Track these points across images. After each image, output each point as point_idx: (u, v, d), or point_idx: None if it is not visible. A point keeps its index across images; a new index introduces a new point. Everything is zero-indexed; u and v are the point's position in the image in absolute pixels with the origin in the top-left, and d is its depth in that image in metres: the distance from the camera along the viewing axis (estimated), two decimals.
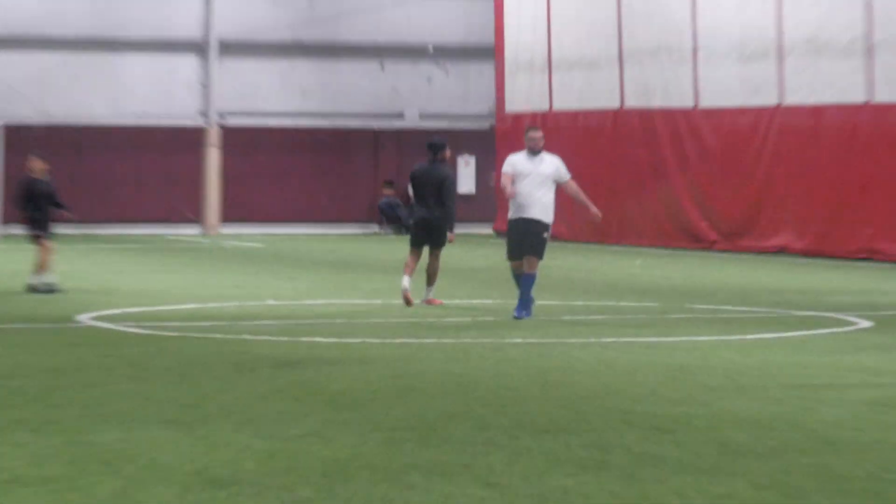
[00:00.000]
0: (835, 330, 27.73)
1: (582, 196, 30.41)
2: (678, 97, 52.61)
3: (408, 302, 31.80)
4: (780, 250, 48.35)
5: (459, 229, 46.94)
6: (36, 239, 34.93)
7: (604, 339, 26.03)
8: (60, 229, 37.28)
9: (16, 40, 59.68)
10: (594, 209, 30.43)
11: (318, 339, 25.66)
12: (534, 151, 30.37)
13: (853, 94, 46.89)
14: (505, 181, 30.35)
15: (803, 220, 48.18)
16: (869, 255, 44.09)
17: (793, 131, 48.60)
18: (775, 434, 16.79)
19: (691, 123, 51.83)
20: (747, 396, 19.50)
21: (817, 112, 47.93)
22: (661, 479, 14.37)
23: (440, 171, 32.88)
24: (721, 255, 49.26)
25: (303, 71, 63.06)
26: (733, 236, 50.22)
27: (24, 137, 56.14)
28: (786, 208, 48.83)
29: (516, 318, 29.37)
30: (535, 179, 30.03)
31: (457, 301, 32.05)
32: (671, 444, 16.15)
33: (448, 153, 33.49)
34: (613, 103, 54.21)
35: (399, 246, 54.45)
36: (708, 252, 50.13)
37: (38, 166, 36.09)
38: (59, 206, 35.49)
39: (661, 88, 53.12)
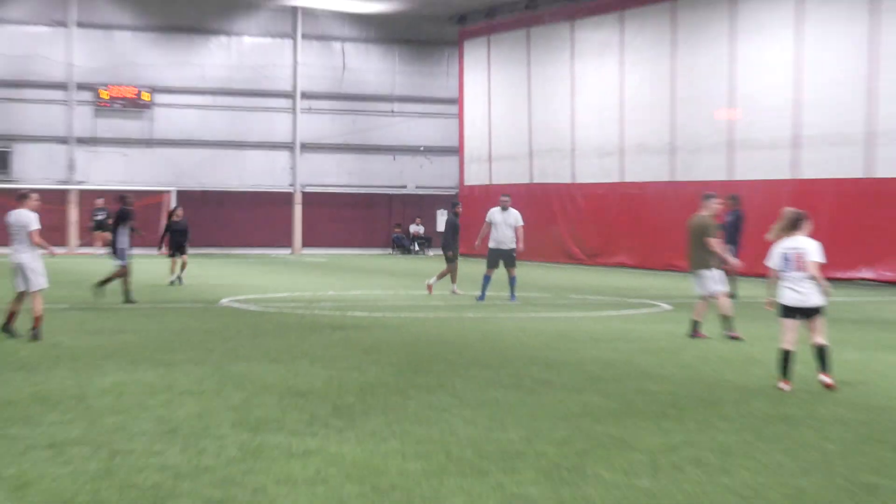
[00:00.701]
0: (650, 310, 27.75)
1: (520, 236, 30.46)
2: (563, 177, 52.62)
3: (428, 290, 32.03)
4: (620, 265, 48.33)
5: (436, 251, 46.38)
6: (174, 255, 35.04)
7: (519, 315, 26.02)
8: (197, 250, 37.07)
9: (184, 142, 59.61)
10: (520, 246, 30.53)
11: (357, 313, 25.64)
12: (504, 208, 30.47)
13: (664, 175, 46.94)
14: (484, 229, 30.60)
15: (633, 247, 48.11)
16: (670, 268, 44.09)
17: (628, 197, 48.60)
18: (615, 368, 16.83)
19: (570, 192, 51.87)
20: (600, 348, 19.49)
21: (643, 186, 47.94)
22: (551, 393, 14.43)
23: (448, 218, 33.19)
24: (586, 267, 49.16)
25: (348, 160, 62.93)
26: (593, 256, 50.17)
27: (188, 198, 56.09)
28: (624, 240, 48.76)
29: (512, 302, 29.20)
30: (505, 225, 30.15)
31: (437, 292, 31.97)
32: (556, 374, 16.21)
33: (459, 209, 33.49)
34: (526, 180, 54.24)
35: (403, 261, 54.44)
36: (579, 265, 50.03)
37: (179, 213, 36.26)
38: (187, 237, 35.64)
39: (553, 172, 53.15)
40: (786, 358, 15.03)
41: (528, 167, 54.83)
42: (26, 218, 19.83)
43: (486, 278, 30.17)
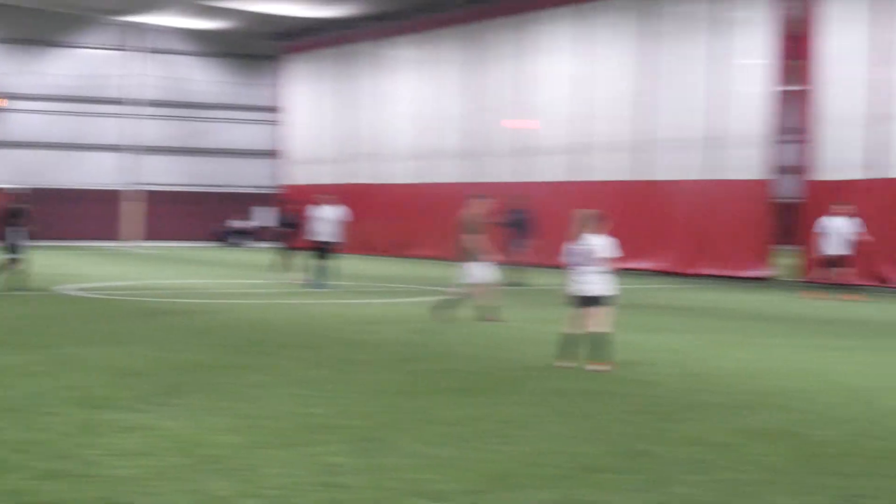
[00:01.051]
0: (435, 297, 27.76)
1: (341, 230, 30.53)
2: (376, 178, 52.59)
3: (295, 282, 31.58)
4: (424, 256, 48.21)
5: (264, 245, 45.84)
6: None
7: (335, 301, 25.86)
8: (41, 243, 36.05)
9: (33, 143, 58.27)
10: (341, 240, 30.61)
11: (186, 299, 25.28)
12: (325, 205, 30.48)
13: (463, 177, 47.11)
14: (315, 225, 30.53)
15: (436, 240, 47.99)
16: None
17: (432, 196, 48.57)
18: (418, 349, 16.81)
19: (382, 191, 51.89)
20: (404, 330, 19.46)
21: (444, 187, 47.90)
22: (360, 372, 14.37)
23: (279, 215, 33.56)
24: (394, 258, 48.79)
25: (182, 162, 61.93)
26: (400, 248, 49.94)
27: (36, 195, 54.65)
28: (427, 234, 48.66)
29: (328, 289, 28.81)
30: (327, 220, 30.13)
31: (262, 280, 31.68)
32: (365, 354, 16.15)
33: (290, 206, 33.67)
34: (344, 180, 53.92)
35: (230, 253, 53.79)
36: (388, 257, 49.63)
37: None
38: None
39: (367, 173, 53.09)
40: (568, 341, 15.17)
41: (345, 168, 54.68)
42: None
43: (313, 267, 30.06)
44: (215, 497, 8.21)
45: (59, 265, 38.70)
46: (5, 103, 57.40)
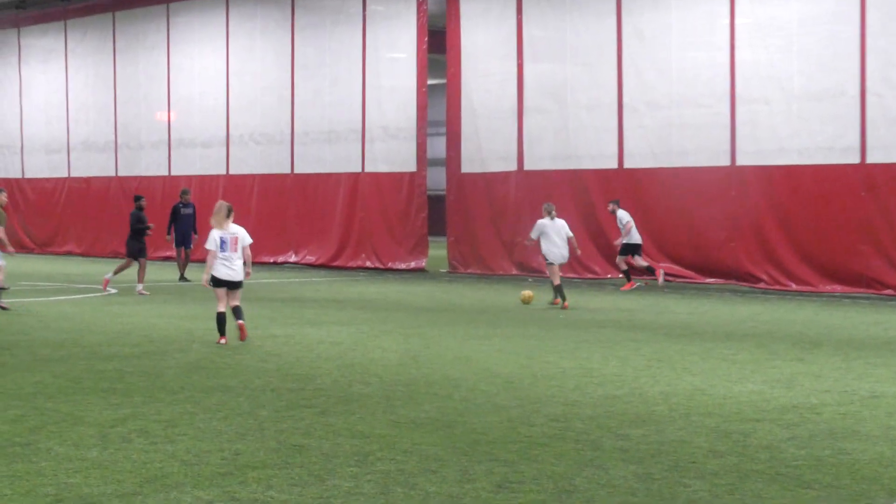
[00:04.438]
0: (97, 294, 27.06)
1: None
2: (14, 172, 50.69)
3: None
4: (69, 253, 46.71)
5: None
6: None
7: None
8: None
9: None
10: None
11: None
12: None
13: (108, 171, 46.10)
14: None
15: (81, 236, 46.44)
16: (115, 255, 42.95)
17: (75, 191, 47.34)
18: (65, 349, 16.30)
19: (20, 186, 49.98)
20: (51, 329, 18.78)
21: (88, 181, 46.85)
22: (5, 374, 13.80)
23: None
24: (37, 256, 47.02)
25: None
26: (43, 245, 48.17)
27: None
28: (72, 231, 47.05)
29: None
30: None
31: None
32: (10, 356, 15.54)
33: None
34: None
35: None
36: (29, 254, 47.72)
37: None
38: None
39: (3, 167, 51.22)
40: (221, 319, 17.00)
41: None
42: None
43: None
44: None
45: None
46: None
